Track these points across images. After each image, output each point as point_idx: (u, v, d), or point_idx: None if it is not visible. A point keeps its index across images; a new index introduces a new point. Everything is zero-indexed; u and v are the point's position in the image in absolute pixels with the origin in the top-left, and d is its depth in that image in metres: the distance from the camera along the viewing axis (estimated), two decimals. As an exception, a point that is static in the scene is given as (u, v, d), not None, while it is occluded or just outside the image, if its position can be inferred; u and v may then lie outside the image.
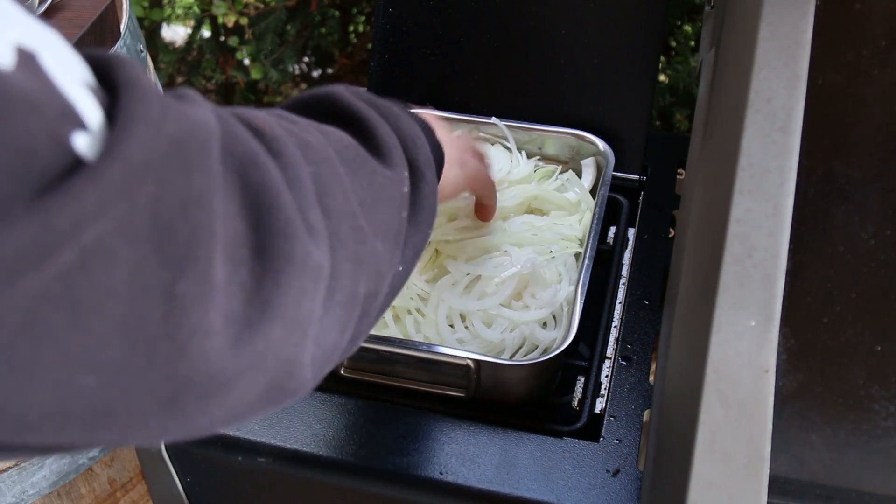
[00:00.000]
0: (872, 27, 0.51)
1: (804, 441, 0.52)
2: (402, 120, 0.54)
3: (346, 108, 0.51)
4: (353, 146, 0.48)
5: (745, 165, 0.49)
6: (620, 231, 0.96)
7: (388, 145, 0.50)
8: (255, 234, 0.36)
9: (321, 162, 0.43)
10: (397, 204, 0.50)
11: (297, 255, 0.37)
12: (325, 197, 0.42)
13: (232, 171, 0.36)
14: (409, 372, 0.77)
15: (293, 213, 0.38)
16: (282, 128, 0.43)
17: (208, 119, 0.35)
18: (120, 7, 1.07)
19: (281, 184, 0.38)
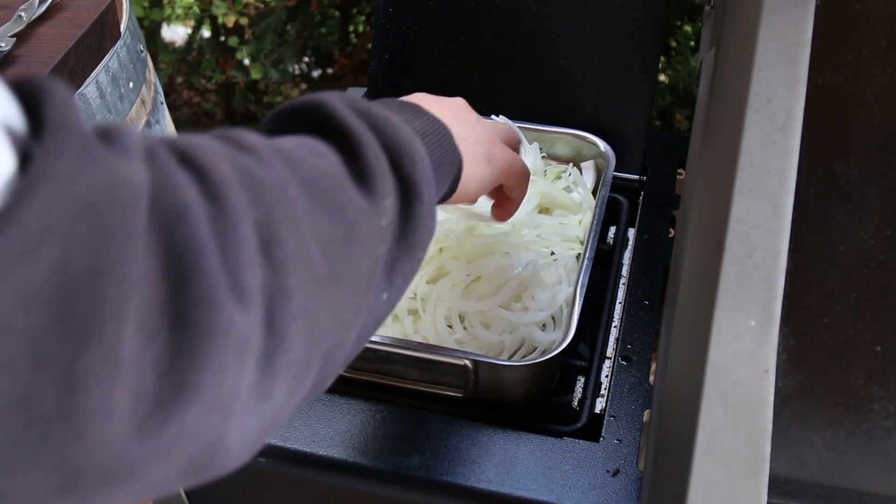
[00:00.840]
0: (872, 27, 0.51)
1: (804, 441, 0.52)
2: (401, 132, 0.49)
3: (334, 121, 0.47)
4: (328, 174, 0.44)
5: (745, 165, 0.49)
6: (620, 231, 0.96)
7: (373, 169, 0.46)
8: (174, 302, 0.33)
9: (274, 203, 0.39)
10: (372, 241, 0.45)
11: (217, 328, 0.34)
12: (274, 246, 0.38)
13: (157, 230, 0.33)
14: (407, 372, 0.77)
15: (217, 278, 0.34)
16: (232, 164, 0.39)
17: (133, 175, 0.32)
18: (120, 7, 1.07)
19: (208, 242, 0.34)
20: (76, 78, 0.95)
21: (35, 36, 0.97)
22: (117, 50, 1.02)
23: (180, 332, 0.33)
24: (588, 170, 0.98)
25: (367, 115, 0.49)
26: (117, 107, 1.01)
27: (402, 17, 1.03)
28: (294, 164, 0.42)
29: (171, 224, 0.33)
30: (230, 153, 0.40)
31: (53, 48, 0.94)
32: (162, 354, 0.32)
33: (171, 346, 0.32)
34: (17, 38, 0.95)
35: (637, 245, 0.93)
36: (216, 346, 0.34)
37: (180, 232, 0.33)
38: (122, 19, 1.06)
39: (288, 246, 0.39)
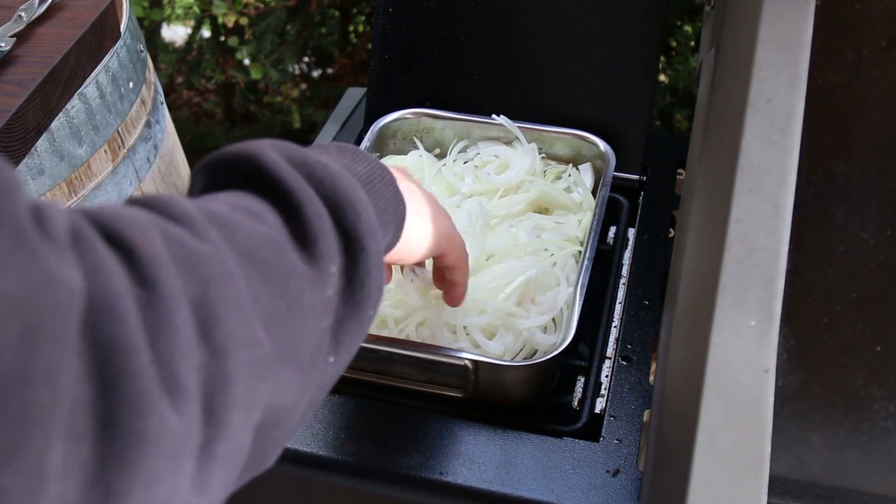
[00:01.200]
0: (872, 27, 0.51)
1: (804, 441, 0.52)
2: (341, 181, 0.45)
3: (271, 176, 0.43)
4: (268, 241, 0.41)
5: (745, 165, 0.49)
6: (620, 231, 0.96)
7: (315, 229, 0.43)
8: (103, 404, 0.30)
9: (212, 280, 0.36)
10: (317, 313, 0.42)
11: (149, 433, 0.31)
12: (212, 327, 0.35)
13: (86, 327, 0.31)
14: (407, 372, 0.77)
15: (148, 377, 0.32)
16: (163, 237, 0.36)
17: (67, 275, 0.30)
18: (120, 7, 1.07)
19: (139, 337, 0.32)
20: (76, 78, 0.95)
21: (35, 36, 0.97)
22: (117, 50, 1.02)
23: (108, 436, 0.30)
24: (586, 171, 0.98)
25: (303, 164, 0.45)
26: (117, 107, 1.01)
27: (402, 17, 1.03)
28: (231, 231, 0.39)
29: (99, 319, 0.31)
30: (161, 225, 0.37)
31: (53, 48, 0.94)
32: (88, 460, 0.30)
33: (98, 452, 0.30)
34: (17, 38, 0.95)
35: (637, 245, 0.93)
36: (148, 452, 0.31)
37: (108, 327, 0.31)
38: (122, 19, 1.06)
39: (227, 326, 0.36)
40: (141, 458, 0.31)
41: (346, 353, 0.45)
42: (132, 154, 1.05)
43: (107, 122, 1.00)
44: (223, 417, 0.35)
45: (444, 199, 0.93)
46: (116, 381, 0.31)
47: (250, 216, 0.42)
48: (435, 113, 1.00)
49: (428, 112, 1.00)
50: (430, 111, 1.00)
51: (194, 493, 0.35)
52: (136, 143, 1.06)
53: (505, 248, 0.86)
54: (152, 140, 1.11)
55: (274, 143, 0.47)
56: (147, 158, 1.09)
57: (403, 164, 0.99)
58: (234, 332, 0.36)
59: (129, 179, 1.04)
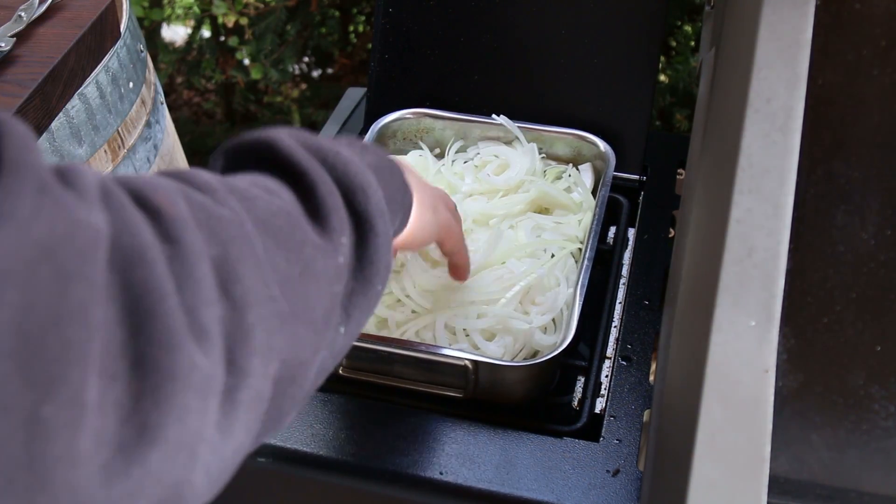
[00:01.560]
0: (872, 27, 0.51)
1: (804, 441, 0.52)
2: (352, 166, 0.49)
3: (286, 159, 0.47)
4: (283, 212, 0.44)
5: (745, 165, 0.49)
6: (620, 231, 0.96)
7: (328, 206, 0.46)
8: (134, 344, 0.32)
9: (231, 241, 0.39)
10: (329, 278, 0.45)
11: (179, 370, 0.33)
12: (232, 283, 0.38)
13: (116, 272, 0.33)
14: (407, 372, 0.77)
15: (177, 320, 0.34)
16: (187, 202, 0.38)
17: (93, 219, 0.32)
18: (120, 7, 1.07)
19: (167, 283, 0.34)
20: (76, 78, 0.95)
21: (35, 36, 0.97)
22: (117, 50, 1.02)
23: (141, 374, 0.32)
24: (586, 171, 0.98)
25: (317, 150, 0.48)
26: (117, 107, 1.01)
27: (402, 17, 1.03)
28: (249, 201, 0.42)
29: (129, 266, 0.33)
30: (184, 191, 0.39)
31: (53, 48, 0.94)
32: (122, 398, 0.32)
33: (131, 389, 0.32)
34: (17, 38, 0.95)
35: (637, 245, 0.93)
36: (178, 388, 0.33)
37: (138, 273, 0.33)
38: (122, 19, 1.06)
39: (246, 282, 0.38)
40: (174, 395, 0.33)
41: (356, 325, 0.48)
42: (132, 154, 1.05)
43: (107, 122, 1.00)
44: (244, 365, 0.38)
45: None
46: (147, 322, 0.33)
47: (267, 192, 0.44)
48: (435, 113, 1.00)
49: (428, 112, 1.00)
50: (430, 111, 1.00)
51: (220, 437, 0.37)
52: (136, 143, 1.06)
53: (505, 248, 0.86)
54: (152, 140, 1.11)
55: (289, 130, 0.50)
56: (147, 158, 1.09)
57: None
58: (252, 288, 0.39)
59: (129, 179, 1.04)
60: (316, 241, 0.44)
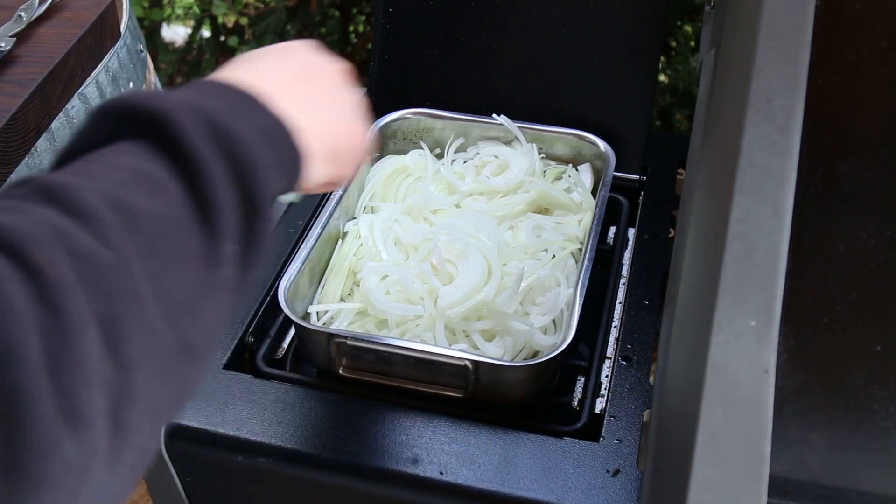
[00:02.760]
0: (872, 27, 0.51)
1: (804, 441, 0.52)
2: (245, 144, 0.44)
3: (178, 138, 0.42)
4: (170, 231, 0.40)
5: (745, 165, 0.49)
6: (620, 231, 0.96)
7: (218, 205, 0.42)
8: (5, 449, 0.31)
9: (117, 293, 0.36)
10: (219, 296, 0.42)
11: (52, 474, 0.32)
12: (119, 342, 0.36)
13: None
14: (407, 372, 0.77)
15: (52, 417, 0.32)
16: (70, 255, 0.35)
17: None
18: (120, 7, 1.06)
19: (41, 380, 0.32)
20: (76, 78, 0.95)
21: (35, 36, 0.97)
22: (117, 50, 1.02)
23: (10, 478, 0.31)
24: (585, 171, 0.98)
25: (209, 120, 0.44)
26: (117, 107, 1.01)
27: (402, 17, 1.03)
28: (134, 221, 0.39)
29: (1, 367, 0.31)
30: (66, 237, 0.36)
31: (53, 48, 0.94)
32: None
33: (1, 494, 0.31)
34: (17, 38, 0.95)
35: (637, 245, 0.93)
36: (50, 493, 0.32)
37: (9, 376, 0.32)
38: (122, 19, 1.06)
39: (134, 339, 0.36)
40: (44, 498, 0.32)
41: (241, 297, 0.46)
42: (132, 154, 1.05)
43: None
44: (130, 426, 0.36)
45: (443, 199, 0.93)
46: (18, 429, 0.31)
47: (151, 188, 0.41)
48: (435, 113, 1.00)
49: (428, 112, 1.00)
50: (430, 111, 1.00)
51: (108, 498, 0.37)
52: (136, 143, 1.06)
53: (505, 250, 0.86)
54: (152, 140, 1.11)
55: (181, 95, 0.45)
56: (147, 158, 1.09)
57: (403, 164, 0.99)
58: (141, 344, 0.37)
59: (129, 179, 1.04)
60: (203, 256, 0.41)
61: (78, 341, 0.34)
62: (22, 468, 0.32)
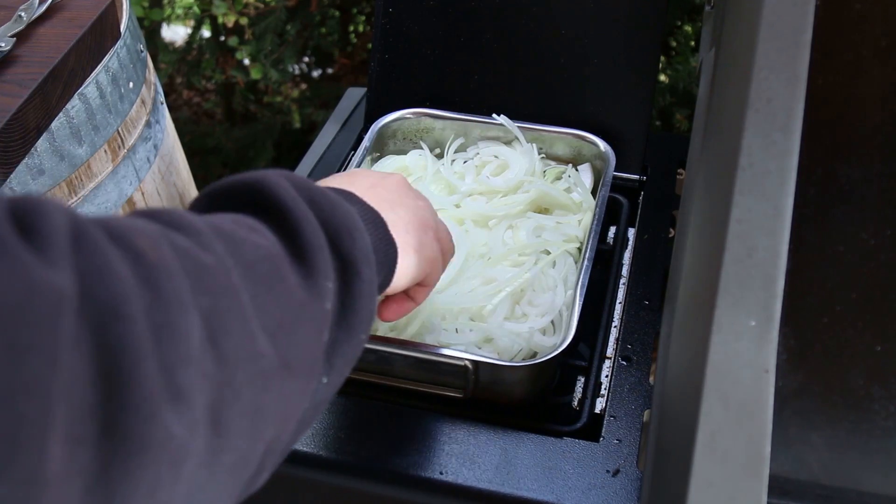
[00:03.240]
0: (872, 27, 0.51)
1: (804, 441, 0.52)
2: (339, 210, 0.47)
3: (271, 199, 0.45)
4: (269, 257, 0.41)
5: (745, 165, 0.49)
6: (620, 231, 0.96)
7: (313, 246, 0.44)
8: (106, 408, 0.30)
9: (220, 292, 0.37)
10: (318, 326, 0.43)
11: (153, 440, 0.31)
12: (221, 337, 0.36)
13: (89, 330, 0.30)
14: (407, 372, 0.77)
15: (155, 382, 0.32)
16: (171, 247, 0.36)
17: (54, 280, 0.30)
18: (120, 7, 1.07)
19: (145, 341, 0.32)
20: (76, 78, 0.95)
21: (35, 36, 0.97)
22: (117, 50, 1.02)
23: (111, 441, 0.30)
24: (585, 171, 0.98)
25: (306, 191, 0.47)
26: (117, 107, 1.01)
27: (402, 17, 1.03)
28: (235, 245, 0.40)
29: (104, 322, 0.31)
30: (168, 235, 0.37)
31: (53, 48, 0.94)
32: (90, 464, 0.30)
33: (100, 456, 0.30)
34: (17, 38, 0.95)
35: (637, 245, 0.93)
36: (151, 459, 0.31)
37: (114, 331, 0.31)
38: (122, 19, 1.06)
39: (236, 337, 0.36)
40: (144, 465, 0.31)
41: (338, 376, 0.46)
42: (132, 154, 1.05)
43: (107, 122, 1.00)
44: (230, 426, 0.36)
45: (443, 199, 0.93)
46: (122, 386, 0.31)
47: (250, 230, 0.43)
48: (435, 113, 1.00)
49: (428, 112, 1.00)
50: (430, 111, 1.00)
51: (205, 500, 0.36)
52: (136, 143, 1.06)
53: (505, 249, 0.86)
54: (152, 140, 1.11)
55: (278, 171, 0.48)
56: (147, 158, 1.09)
57: (403, 164, 0.99)
58: (242, 343, 0.37)
59: (129, 179, 1.04)
60: (302, 285, 0.42)
61: (178, 321, 0.34)
62: (124, 429, 0.31)
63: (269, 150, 2.01)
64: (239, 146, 2.04)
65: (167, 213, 0.40)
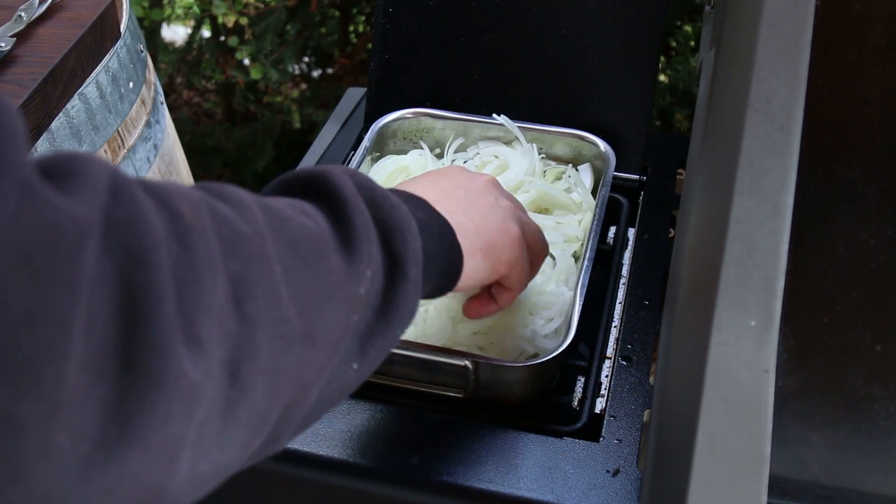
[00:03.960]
0: (872, 27, 0.51)
1: (804, 441, 0.52)
2: (398, 211, 0.50)
3: (332, 190, 0.48)
4: (314, 236, 0.44)
5: (745, 165, 0.49)
6: (620, 231, 0.96)
7: (360, 237, 0.46)
8: (126, 345, 0.33)
9: (251, 259, 0.39)
10: (348, 306, 0.45)
11: (167, 375, 0.34)
12: (246, 300, 0.38)
13: (114, 269, 0.33)
14: (407, 372, 0.77)
15: (172, 324, 0.34)
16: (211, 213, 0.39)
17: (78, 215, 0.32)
18: (120, 7, 1.07)
19: (168, 287, 0.34)
20: (76, 78, 0.95)
21: (35, 36, 0.97)
22: (117, 50, 1.02)
23: (129, 374, 0.33)
24: (585, 171, 0.98)
25: (367, 189, 0.49)
26: (117, 107, 1.01)
27: (402, 17, 1.03)
28: (280, 221, 0.43)
29: (131, 263, 0.33)
30: (211, 203, 0.40)
31: (53, 48, 0.94)
32: (108, 395, 0.32)
33: (118, 388, 0.32)
34: (17, 38, 0.95)
35: (637, 245, 0.93)
36: (165, 394, 0.34)
37: (139, 273, 0.33)
38: (122, 19, 1.06)
39: (260, 301, 0.39)
40: (159, 399, 0.33)
41: (370, 364, 0.49)
42: (132, 154, 1.05)
43: (107, 122, 1.00)
44: (247, 382, 0.38)
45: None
46: (142, 323, 0.33)
47: (301, 213, 0.45)
48: (435, 113, 1.00)
49: (428, 112, 1.00)
50: (430, 111, 1.00)
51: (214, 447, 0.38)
52: (136, 143, 1.07)
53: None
54: (152, 140, 1.11)
55: (346, 169, 0.51)
56: (147, 158, 1.09)
57: (404, 164, 0.99)
58: (266, 307, 0.39)
59: (129, 179, 1.04)
60: (341, 267, 0.45)
61: (202, 279, 0.36)
62: (140, 364, 0.33)
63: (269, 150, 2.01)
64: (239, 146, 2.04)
65: (220, 187, 0.42)
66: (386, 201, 0.50)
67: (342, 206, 0.47)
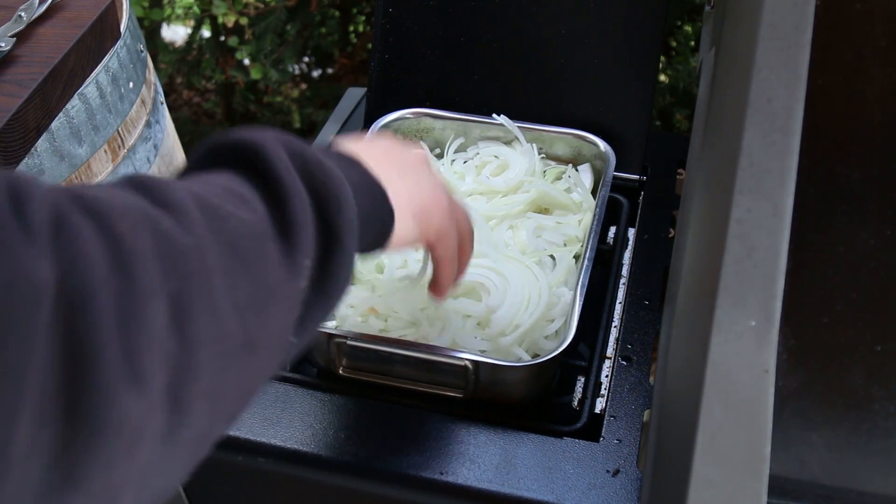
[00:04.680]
0: (872, 27, 0.52)
1: (804, 441, 0.52)
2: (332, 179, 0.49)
3: (266, 165, 0.46)
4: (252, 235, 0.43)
5: (745, 165, 0.49)
6: (620, 231, 0.96)
7: (298, 223, 0.45)
8: (69, 391, 0.32)
9: (191, 276, 0.38)
10: (290, 303, 0.45)
11: (110, 421, 0.33)
12: (185, 321, 0.37)
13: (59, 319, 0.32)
14: (407, 372, 0.77)
15: (114, 367, 0.34)
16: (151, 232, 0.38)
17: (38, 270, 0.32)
18: (120, 7, 1.07)
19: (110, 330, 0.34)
20: (76, 78, 0.95)
21: (35, 36, 0.97)
22: (117, 50, 1.02)
23: (73, 421, 0.32)
24: (585, 171, 0.98)
25: (300, 157, 0.48)
26: (117, 107, 1.01)
27: (402, 17, 1.03)
28: (220, 221, 0.42)
29: (74, 311, 0.33)
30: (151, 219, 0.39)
31: (53, 48, 0.94)
32: (52, 443, 0.32)
33: (62, 436, 0.32)
34: (17, 38, 0.95)
35: (637, 245, 0.93)
36: (108, 440, 0.33)
37: (82, 321, 0.33)
38: (122, 19, 1.06)
39: (201, 321, 0.38)
40: (102, 445, 0.33)
41: (307, 335, 0.49)
42: (132, 154, 1.05)
43: (107, 122, 1.00)
44: (189, 406, 0.38)
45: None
46: (84, 371, 0.33)
47: (240, 202, 0.44)
48: (435, 113, 1.00)
49: (428, 112, 1.00)
50: (430, 111, 1.00)
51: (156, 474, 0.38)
52: (136, 143, 1.07)
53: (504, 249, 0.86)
54: (152, 140, 1.11)
55: (277, 135, 0.49)
56: (147, 158, 1.09)
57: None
58: (206, 327, 0.39)
59: (129, 179, 1.04)
60: (280, 263, 0.44)
61: (145, 308, 0.35)
62: (84, 412, 0.33)
63: (269, 150, 2.00)
64: (239, 146, 2.03)
65: (158, 187, 0.41)
66: (320, 169, 0.48)
67: (277, 184, 0.46)
